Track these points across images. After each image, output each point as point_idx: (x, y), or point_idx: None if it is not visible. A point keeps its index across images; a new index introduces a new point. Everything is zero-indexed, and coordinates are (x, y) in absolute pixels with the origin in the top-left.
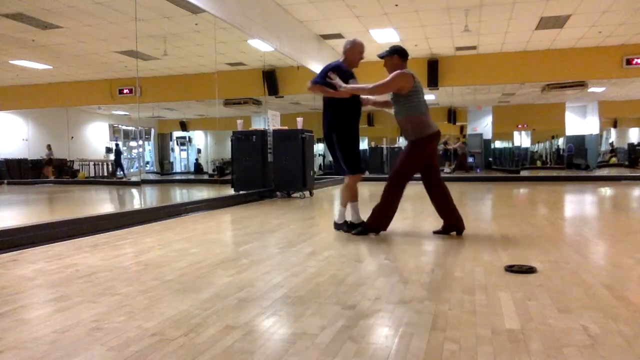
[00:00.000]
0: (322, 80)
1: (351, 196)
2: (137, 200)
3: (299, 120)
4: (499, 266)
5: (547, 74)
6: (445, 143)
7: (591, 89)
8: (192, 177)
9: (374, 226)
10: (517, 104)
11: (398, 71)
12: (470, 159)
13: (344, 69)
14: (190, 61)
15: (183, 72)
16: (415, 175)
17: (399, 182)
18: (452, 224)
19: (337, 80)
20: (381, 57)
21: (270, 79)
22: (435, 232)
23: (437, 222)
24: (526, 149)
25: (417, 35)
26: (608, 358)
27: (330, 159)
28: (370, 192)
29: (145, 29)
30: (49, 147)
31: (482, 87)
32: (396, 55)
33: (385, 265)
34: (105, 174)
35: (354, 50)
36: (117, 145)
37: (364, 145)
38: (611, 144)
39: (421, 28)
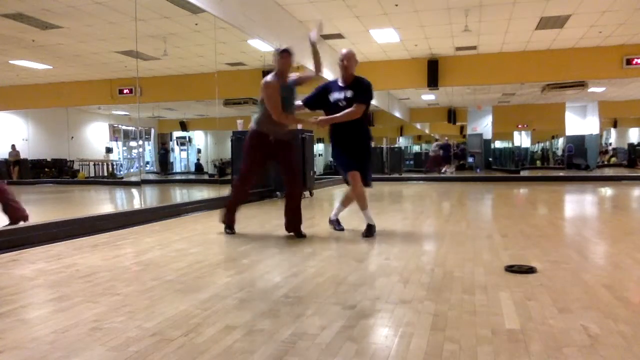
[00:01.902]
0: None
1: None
2: (137, 200)
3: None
4: (499, 266)
5: (547, 74)
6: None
7: (591, 89)
8: (192, 177)
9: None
10: (517, 104)
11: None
12: (470, 159)
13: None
14: (190, 61)
15: (183, 72)
16: (415, 175)
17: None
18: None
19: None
20: (287, 51)
21: None
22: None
23: (438, 222)
24: (526, 149)
25: (417, 35)
26: (608, 358)
27: (330, 159)
28: (369, 192)
29: (145, 29)
30: (13, 147)
31: (482, 87)
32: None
33: (385, 265)
34: (105, 174)
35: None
36: (163, 144)
37: None
38: (607, 145)
39: (421, 28)
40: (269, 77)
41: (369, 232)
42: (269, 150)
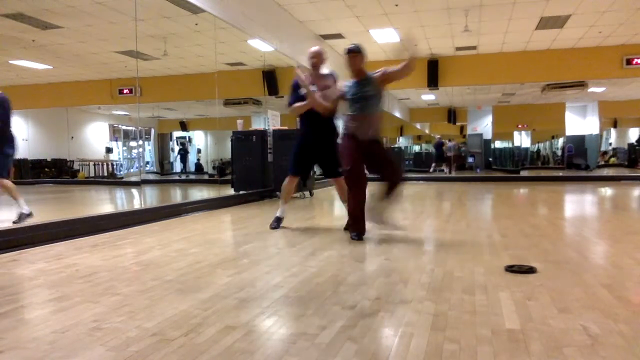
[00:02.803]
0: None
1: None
2: (137, 200)
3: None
4: (499, 266)
5: (547, 74)
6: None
7: (591, 89)
8: (192, 177)
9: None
10: (517, 104)
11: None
12: (470, 159)
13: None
14: (190, 61)
15: (183, 72)
16: (415, 175)
17: None
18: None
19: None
20: (353, 51)
21: (270, 79)
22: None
23: (438, 222)
24: (526, 149)
25: (417, 35)
26: (608, 358)
27: None
28: (369, 192)
29: (145, 29)
30: None
31: (482, 87)
32: (365, 56)
33: (385, 265)
34: (105, 174)
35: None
36: (183, 144)
37: None
38: (608, 146)
39: (421, 28)
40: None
41: (277, 223)
42: (363, 149)
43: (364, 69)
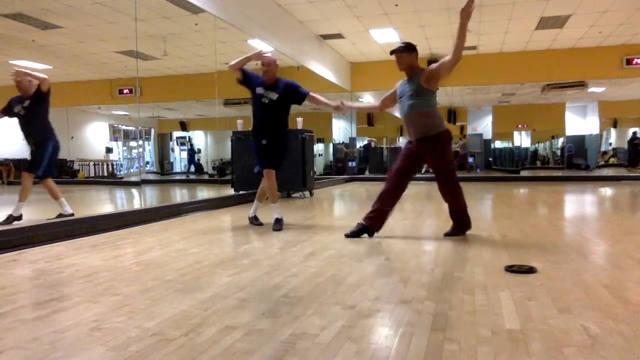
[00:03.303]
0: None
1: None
2: (137, 200)
3: (299, 120)
4: (499, 266)
5: (547, 74)
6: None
7: (591, 89)
8: (192, 177)
9: (470, 225)
10: (517, 104)
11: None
12: (470, 159)
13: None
14: (190, 61)
15: (183, 72)
16: (416, 175)
17: (455, 176)
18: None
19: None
20: (394, 51)
21: None
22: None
23: (438, 223)
24: (526, 149)
25: (417, 35)
26: (608, 358)
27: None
28: (368, 192)
29: (145, 29)
30: None
31: (482, 87)
32: (414, 52)
33: (385, 265)
34: (105, 174)
35: None
36: (191, 144)
37: (363, 143)
38: (601, 149)
39: (421, 28)
40: None
41: (278, 225)
42: (415, 151)
43: (413, 67)
